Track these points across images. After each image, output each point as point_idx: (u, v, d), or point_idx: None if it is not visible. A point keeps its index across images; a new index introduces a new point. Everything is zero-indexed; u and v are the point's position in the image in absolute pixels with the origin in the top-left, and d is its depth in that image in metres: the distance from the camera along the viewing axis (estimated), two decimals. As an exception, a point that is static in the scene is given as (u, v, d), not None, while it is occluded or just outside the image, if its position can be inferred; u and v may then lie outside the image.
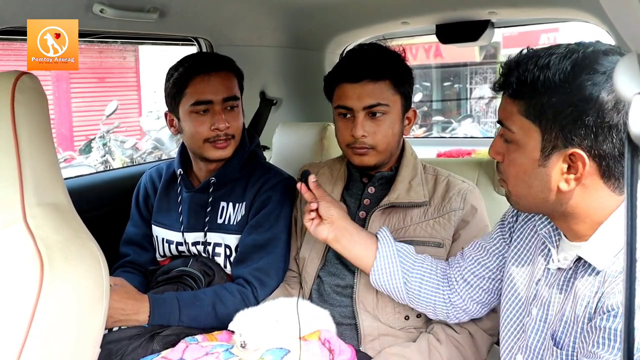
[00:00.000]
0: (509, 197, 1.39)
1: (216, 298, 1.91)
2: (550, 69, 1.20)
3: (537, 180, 1.28)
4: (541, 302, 1.39)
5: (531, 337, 1.40)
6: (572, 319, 1.29)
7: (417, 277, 1.70)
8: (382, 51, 1.87)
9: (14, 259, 1.11)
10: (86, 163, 9.22)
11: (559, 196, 1.27)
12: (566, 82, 1.18)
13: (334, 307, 1.87)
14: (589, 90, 1.16)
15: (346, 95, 1.83)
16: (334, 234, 1.75)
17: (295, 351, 1.59)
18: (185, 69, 1.98)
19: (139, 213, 2.21)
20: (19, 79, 1.13)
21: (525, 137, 1.26)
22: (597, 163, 1.20)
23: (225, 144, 2.00)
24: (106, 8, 1.97)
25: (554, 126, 1.21)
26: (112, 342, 1.79)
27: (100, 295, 1.17)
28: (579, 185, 1.24)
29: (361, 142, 1.83)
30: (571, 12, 2.43)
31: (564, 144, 1.21)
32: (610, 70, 1.16)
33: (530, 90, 1.23)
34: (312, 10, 2.69)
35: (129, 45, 12.12)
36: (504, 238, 1.60)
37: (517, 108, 1.26)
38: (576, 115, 1.17)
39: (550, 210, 1.33)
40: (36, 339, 1.06)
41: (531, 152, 1.26)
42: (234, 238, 2.04)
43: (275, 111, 3.02)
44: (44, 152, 1.16)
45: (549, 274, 1.39)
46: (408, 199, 1.84)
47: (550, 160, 1.24)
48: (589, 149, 1.19)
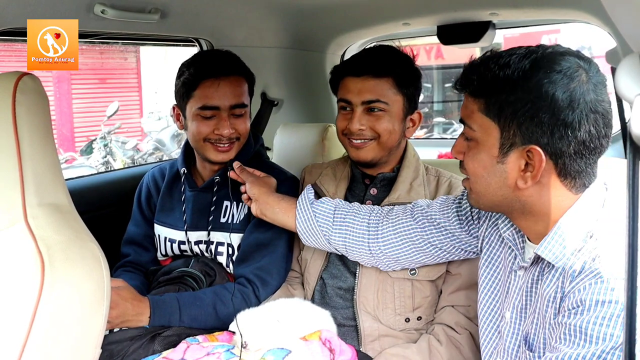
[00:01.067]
0: (469, 195, 1.42)
1: (217, 298, 1.91)
2: (510, 67, 1.24)
3: (495, 177, 1.31)
4: (513, 306, 1.42)
5: (507, 341, 1.43)
6: (540, 320, 1.31)
7: (340, 234, 1.80)
8: (390, 51, 1.90)
9: (15, 259, 1.11)
10: (87, 164, 9.21)
11: (517, 193, 1.30)
12: (524, 80, 1.22)
13: (336, 309, 1.87)
14: (545, 88, 1.20)
15: (348, 88, 1.86)
16: (260, 209, 1.91)
17: (296, 351, 1.59)
18: (196, 69, 1.97)
19: (141, 212, 2.21)
20: (20, 79, 1.13)
21: (485, 135, 1.30)
22: (554, 161, 1.24)
23: (228, 147, 2.00)
24: (107, 9, 1.97)
25: (512, 123, 1.25)
26: (113, 343, 1.79)
27: (101, 296, 1.16)
28: (536, 184, 1.27)
29: (360, 134, 1.84)
30: (573, 14, 2.42)
31: (521, 141, 1.24)
32: (566, 69, 1.21)
33: (490, 88, 1.27)
34: (313, 11, 2.69)
35: (130, 46, 12.12)
36: (459, 221, 1.64)
37: (478, 106, 1.30)
38: (533, 112, 1.22)
39: (509, 208, 1.36)
40: (37, 339, 1.06)
41: (490, 149, 1.30)
42: (237, 237, 2.05)
43: (277, 112, 3.02)
44: (45, 153, 1.16)
45: (516, 277, 1.42)
46: (409, 199, 1.84)
47: (509, 157, 1.27)
48: (545, 147, 1.22)
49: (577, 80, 1.20)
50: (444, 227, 1.67)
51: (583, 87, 1.20)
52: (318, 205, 1.84)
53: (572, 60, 1.23)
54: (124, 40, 2.91)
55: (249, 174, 1.93)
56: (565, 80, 1.20)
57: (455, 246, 1.68)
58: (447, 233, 1.67)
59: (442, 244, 1.69)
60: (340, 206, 1.84)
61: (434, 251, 1.71)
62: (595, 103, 1.21)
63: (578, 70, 1.22)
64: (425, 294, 1.82)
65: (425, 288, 1.82)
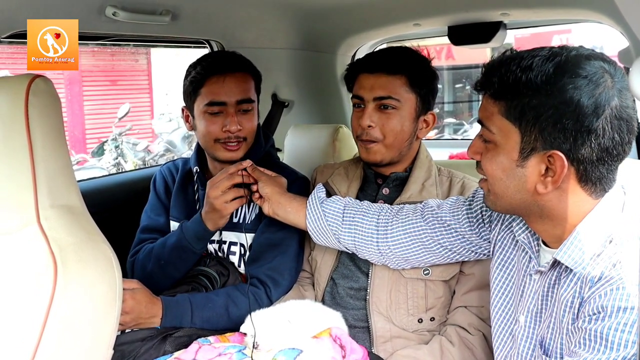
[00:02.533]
0: (487, 197, 1.39)
1: (229, 300, 1.91)
2: (533, 70, 1.21)
3: (514, 181, 1.28)
4: (527, 310, 1.40)
5: (521, 346, 1.41)
6: (557, 325, 1.30)
7: (350, 233, 1.80)
8: (405, 50, 1.91)
9: (28, 260, 1.11)
10: (99, 165, 9.25)
11: (536, 198, 1.28)
12: (548, 84, 1.19)
13: (347, 310, 1.87)
14: (569, 94, 1.17)
15: (361, 84, 1.87)
16: (272, 209, 1.89)
17: (307, 351, 1.59)
18: (202, 67, 1.99)
19: (161, 203, 2.19)
20: (33, 82, 1.13)
21: (504, 138, 1.27)
22: (575, 167, 1.22)
23: (237, 146, 2.00)
24: (119, 11, 1.98)
25: (533, 128, 1.22)
26: (124, 343, 1.79)
27: (114, 297, 1.17)
28: (556, 189, 1.25)
29: (368, 134, 1.84)
30: (584, 13, 2.41)
31: (543, 146, 1.22)
32: (591, 74, 1.18)
33: (512, 91, 1.24)
34: (323, 12, 2.69)
35: (141, 48, 12.16)
36: (470, 223, 1.63)
37: (498, 108, 1.27)
38: (556, 118, 1.19)
39: (527, 212, 1.33)
40: (50, 340, 1.07)
41: (509, 153, 1.27)
42: (249, 237, 2.05)
43: (287, 113, 3.02)
44: (58, 155, 1.16)
45: (532, 281, 1.40)
46: (420, 199, 1.84)
47: (529, 162, 1.25)
48: (567, 153, 1.20)
49: (602, 86, 1.18)
50: (453, 229, 1.66)
51: (608, 92, 1.18)
52: (328, 204, 1.84)
53: (598, 65, 1.20)
54: (135, 42, 2.91)
55: (262, 173, 1.92)
56: (591, 86, 1.17)
57: (466, 248, 1.67)
58: (457, 235, 1.66)
59: (452, 245, 1.68)
60: (350, 205, 1.83)
61: (444, 252, 1.70)
62: (620, 109, 1.19)
63: (604, 75, 1.19)
64: (438, 295, 1.82)
65: (439, 288, 1.82)
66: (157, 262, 1.99)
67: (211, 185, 1.90)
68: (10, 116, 1.12)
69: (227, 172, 1.89)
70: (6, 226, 1.14)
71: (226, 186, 1.87)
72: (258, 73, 2.10)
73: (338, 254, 1.93)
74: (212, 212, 1.90)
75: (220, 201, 1.87)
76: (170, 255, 1.97)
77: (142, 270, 1.99)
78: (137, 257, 2.07)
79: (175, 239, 1.98)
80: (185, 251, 1.97)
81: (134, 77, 13.02)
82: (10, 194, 1.14)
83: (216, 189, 1.88)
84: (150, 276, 1.96)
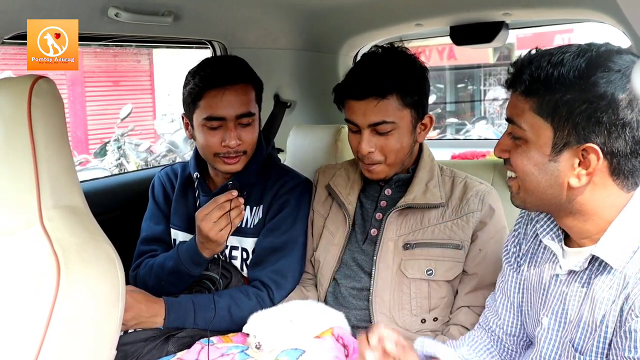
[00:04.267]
0: (516, 195, 1.37)
1: (232, 301, 1.91)
2: (565, 65, 1.20)
3: (547, 175, 1.27)
4: (552, 311, 1.38)
5: (544, 348, 1.39)
6: (591, 323, 1.27)
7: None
8: (388, 63, 1.82)
9: (31, 261, 1.12)
10: (101, 166, 9.26)
11: (568, 193, 1.27)
12: (580, 79, 1.18)
13: (350, 310, 1.87)
14: (603, 88, 1.17)
15: (353, 110, 1.82)
16: None
17: (310, 351, 1.60)
18: (201, 79, 1.93)
19: (160, 210, 2.18)
20: (36, 82, 1.14)
21: (536, 135, 1.26)
22: (608, 160, 1.21)
23: (236, 159, 1.97)
24: (121, 12, 1.98)
25: (567, 123, 1.21)
26: (127, 344, 1.79)
27: (116, 297, 1.17)
28: (588, 182, 1.24)
29: (369, 158, 1.83)
30: (586, 13, 2.41)
31: (576, 140, 1.21)
32: (624, 68, 1.18)
33: (544, 87, 1.22)
34: (325, 12, 2.69)
35: (143, 48, 12.17)
36: (513, 269, 1.57)
37: (529, 105, 1.26)
38: (590, 112, 1.18)
39: (558, 208, 1.31)
40: (53, 340, 1.07)
41: (541, 148, 1.26)
42: (251, 241, 2.04)
43: (290, 114, 3.02)
44: (61, 155, 1.17)
45: (557, 281, 1.38)
46: (424, 200, 1.84)
47: (562, 156, 1.24)
48: (601, 146, 1.19)
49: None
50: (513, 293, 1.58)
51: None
52: None
53: (628, 59, 1.20)
54: (137, 43, 2.92)
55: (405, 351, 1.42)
56: (625, 80, 1.17)
57: None
58: None
59: None
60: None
61: None
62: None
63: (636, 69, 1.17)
64: (441, 295, 1.81)
65: (442, 288, 1.81)
66: (158, 281, 1.99)
67: (202, 217, 1.87)
68: (13, 117, 1.13)
69: (217, 203, 1.87)
70: (9, 227, 1.15)
71: (218, 216, 1.86)
72: (259, 82, 2.06)
73: (340, 254, 1.93)
74: (208, 243, 1.89)
75: (215, 231, 1.86)
76: (169, 278, 1.98)
77: (144, 286, 1.97)
78: (139, 272, 2.07)
79: (172, 263, 1.97)
80: (184, 275, 1.97)
81: (136, 78, 13.03)
82: (13, 194, 1.14)
83: (208, 220, 1.86)
84: (152, 292, 1.95)
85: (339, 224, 1.96)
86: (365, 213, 1.94)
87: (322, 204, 2.05)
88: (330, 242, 1.95)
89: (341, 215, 1.96)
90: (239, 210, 1.90)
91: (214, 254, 1.94)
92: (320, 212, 2.04)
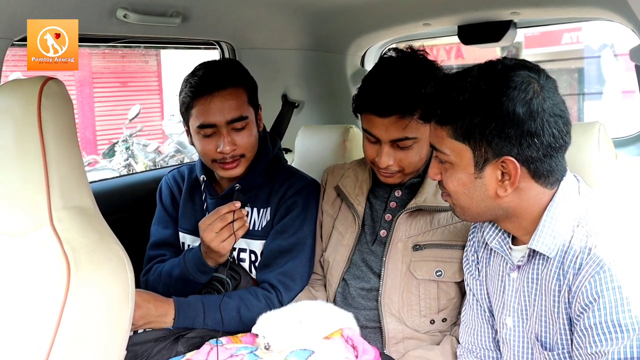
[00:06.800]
0: (454, 209, 1.50)
1: (241, 303, 1.91)
2: (468, 90, 1.33)
3: (476, 191, 1.40)
4: (512, 310, 1.48)
5: (516, 347, 1.49)
6: (550, 317, 1.37)
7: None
8: (411, 75, 1.75)
9: (41, 261, 1.12)
10: (109, 167, 9.27)
11: (499, 202, 1.39)
12: (484, 101, 1.31)
13: (359, 311, 1.86)
14: (505, 106, 1.29)
15: (373, 124, 1.77)
16: None
17: (319, 351, 1.59)
18: (190, 87, 1.94)
19: (168, 214, 2.18)
20: (46, 84, 1.14)
21: (458, 157, 1.38)
22: (527, 167, 1.34)
23: (234, 164, 1.96)
24: (129, 13, 1.99)
25: (482, 143, 1.33)
26: (137, 344, 1.80)
27: (126, 298, 1.18)
28: (514, 190, 1.35)
29: (387, 169, 1.81)
30: (595, 11, 2.40)
31: (494, 155, 1.34)
32: (519, 84, 1.30)
33: (455, 114, 1.36)
34: (333, 12, 2.69)
35: (151, 49, 12.19)
36: (475, 278, 1.68)
37: (446, 132, 1.39)
38: (499, 129, 1.31)
39: (494, 216, 1.44)
40: (63, 341, 1.07)
41: (466, 168, 1.38)
42: (259, 243, 2.04)
43: (298, 114, 3.02)
44: (70, 156, 1.17)
45: (510, 281, 1.49)
46: (435, 202, 1.82)
47: (485, 172, 1.36)
48: (516, 156, 1.32)
49: (531, 92, 1.30)
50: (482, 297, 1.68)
51: (538, 96, 1.30)
52: None
53: (524, 74, 1.32)
54: (146, 44, 2.93)
55: None
56: (522, 95, 1.29)
57: None
58: None
59: None
60: None
61: None
62: (552, 107, 1.31)
63: (530, 82, 1.31)
64: (450, 296, 1.81)
65: (451, 290, 1.81)
66: (167, 288, 1.99)
67: (204, 228, 1.88)
68: (23, 118, 1.13)
69: (219, 214, 1.88)
70: (20, 227, 1.15)
71: (220, 227, 1.87)
72: (251, 82, 2.03)
73: (350, 254, 1.93)
74: (211, 253, 1.90)
75: (217, 242, 1.87)
76: (177, 285, 1.99)
77: (154, 292, 1.97)
78: (148, 277, 2.08)
79: (179, 271, 1.98)
80: (191, 282, 1.98)
81: (144, 79, 13.04)
82: (23, 195, 1.15)
83: (210, 231, 1.87)
84: None
85: (348, 224, 1.96)
86: (375, 214, 1.93)
87: (331, 204, 2.05)
88: (340, 242, 1.95)
89: (350, 216, 1.96)
90: (242, 221, 1.92)
91: (217, 264, 1.95)
92: (330, 212, 2.04)
